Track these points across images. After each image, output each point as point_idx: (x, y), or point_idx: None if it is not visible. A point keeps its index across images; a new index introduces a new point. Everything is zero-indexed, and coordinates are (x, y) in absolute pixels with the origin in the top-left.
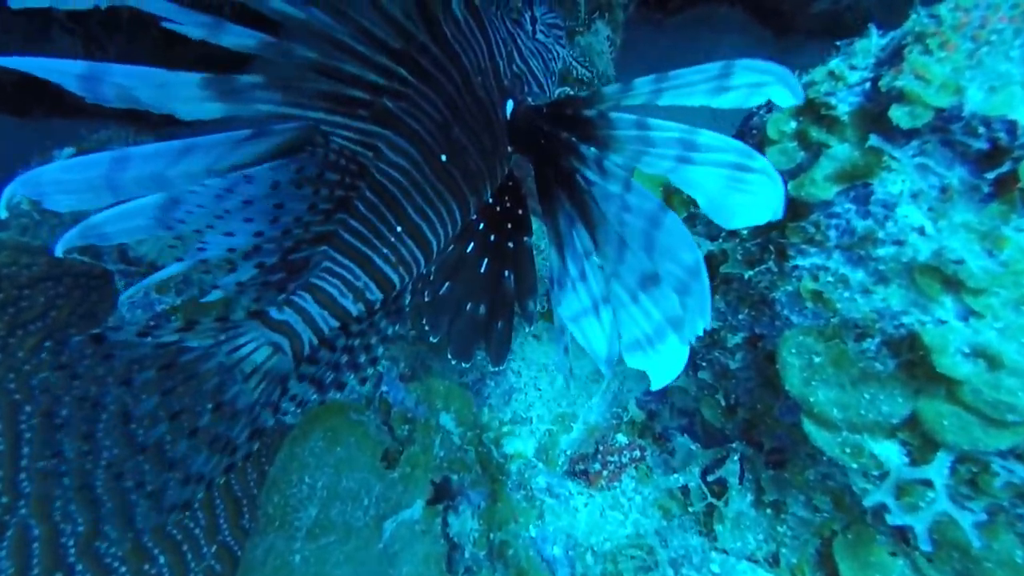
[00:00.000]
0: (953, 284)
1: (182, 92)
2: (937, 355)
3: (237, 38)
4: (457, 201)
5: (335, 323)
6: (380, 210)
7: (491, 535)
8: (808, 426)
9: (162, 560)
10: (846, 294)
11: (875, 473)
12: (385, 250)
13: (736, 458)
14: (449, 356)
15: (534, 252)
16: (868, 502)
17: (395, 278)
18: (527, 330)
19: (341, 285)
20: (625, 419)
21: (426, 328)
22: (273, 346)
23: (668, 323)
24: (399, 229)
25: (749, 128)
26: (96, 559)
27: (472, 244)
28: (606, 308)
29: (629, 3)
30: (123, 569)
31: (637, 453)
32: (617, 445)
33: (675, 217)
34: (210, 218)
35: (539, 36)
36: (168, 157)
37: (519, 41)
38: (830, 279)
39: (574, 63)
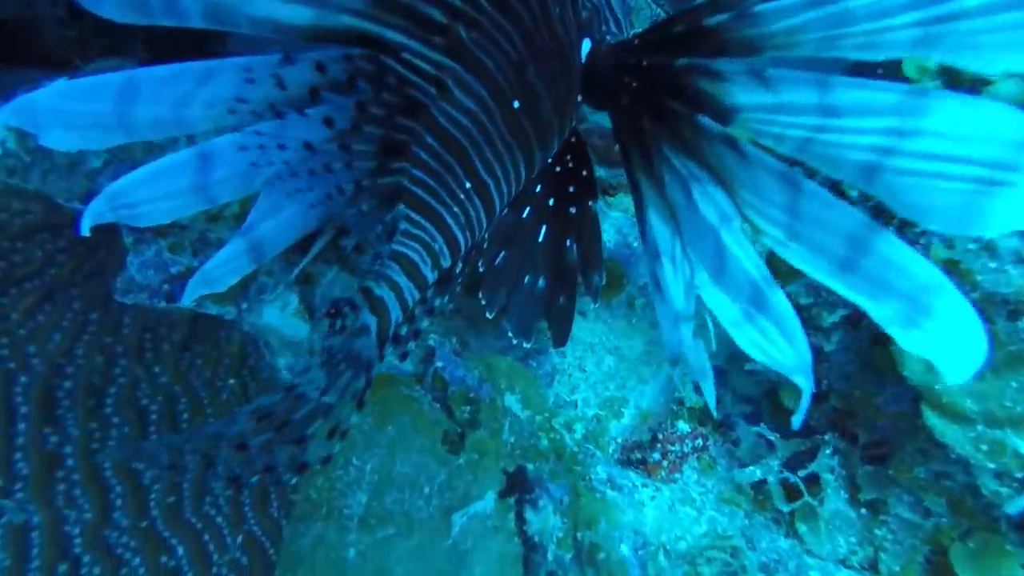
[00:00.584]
0: None
1: None
2: None
3: None
4: (524, 156)
5: (417, 295)
6: (446, 159)
7: (578, 534)
8: (931, 418)
9: (181, 551)
10: (992, 264)
11: (1018, 475)
12: (455, 208)
13: (829, 451)
14: (509, 334)
15: (599, 218)
16: (1012, 508)
17: (463, 241)
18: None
19: (421, 249)
20: (685, 404)
21: (482, 303)
22: (360, 330)
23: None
24: (468, 185)
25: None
26: (106, 549)
27: (529, 209)
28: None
29: None
30: (136, 561)
31: (700, 442)
32: (678, 433)
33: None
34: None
35: None
36: (187, 81)
37: None
38: (970, 246)
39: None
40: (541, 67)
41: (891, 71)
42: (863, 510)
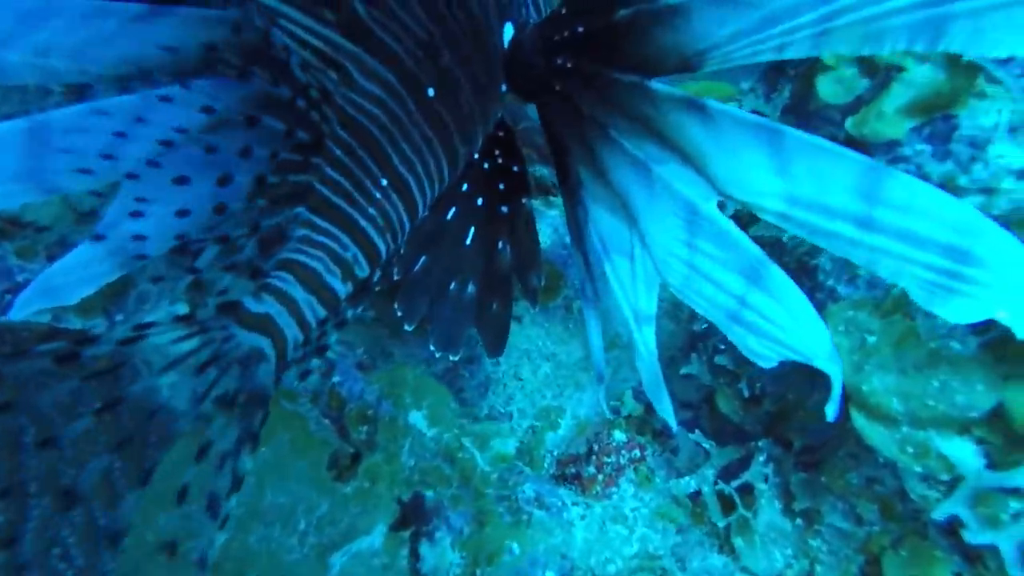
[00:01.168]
0: None
1: None
2: None
3: None
4: (445, 150)
5: (322, 313)
6: (358, 154)
7: (477, 571)
8: (858, 420)
9: None
10: None
11: (944, 478)
12: (371, 209)
13: (763, 459)
14: (432, 348)
15: (533, 216)
16: (938, 514)
17: (382, 247)
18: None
19: (326, 258)
20: (622, 413)
21: (399, 314)
22: (251, 355)
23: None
24: (384, 182)
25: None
26: None
27: (454, 210)
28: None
29: None
30: None
31: (637, 453)
32: (614, 444)
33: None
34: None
35: None
36: (11, 15)
37: None
38: None
39: None
40: (457, 51)
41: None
42: (798, 520)
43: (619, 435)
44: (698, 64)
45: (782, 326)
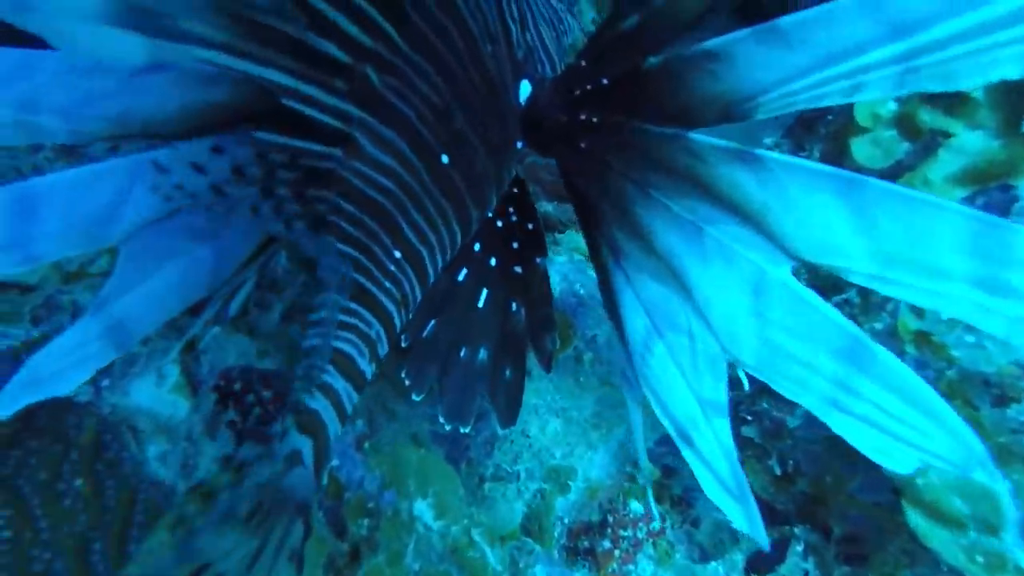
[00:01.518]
0: None
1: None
2: None
3: None
4: (458, 217)
5: (356, 399)
6: (370, 228)
7: None
8: (914, 517)
9: None
10: (969, 338)
11: None
12: (388, 283)
13: (801, 549)
14: (441, 419)
15: (548, 277)
16: None
17: (398, 322)
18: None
19: (356, 339)
20: (638, 478)
21: (407, 383)
22: (291, 458)
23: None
24: (398, 255)
25: (821, 111)
26: None
27: (466, 271)
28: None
29: None
30: None
31: (656, 525)
32: (631, 516)
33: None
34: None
35: (548, 1)
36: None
37: (531, 1)
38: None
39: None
40: (471, 113)
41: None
42: None
43: (636, 505)
44: (746, 113)
45: (909, 422)
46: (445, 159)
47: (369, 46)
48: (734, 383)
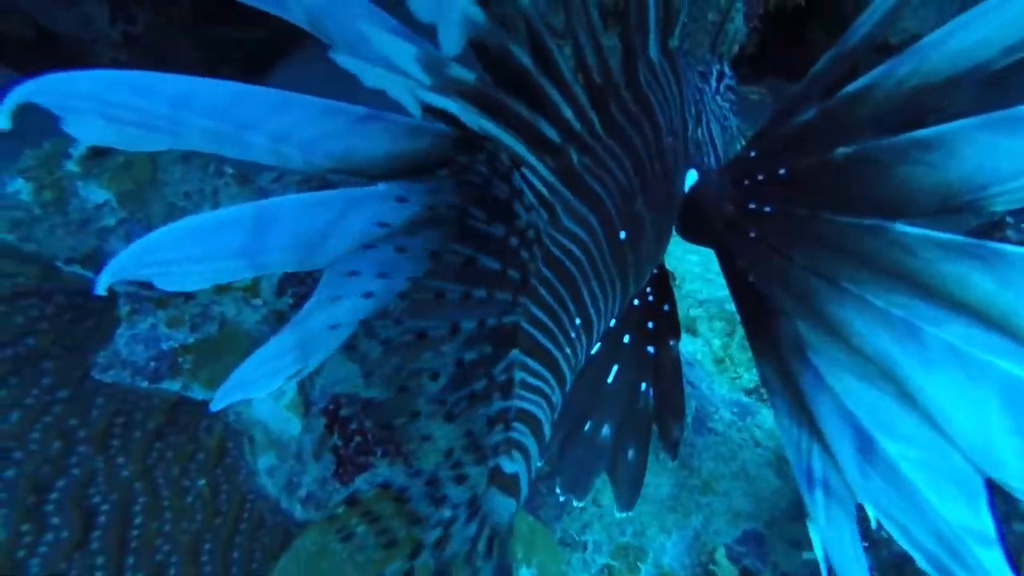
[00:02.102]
0: None
1: (397, 65)
2: None
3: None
4: (623, 290)
5: (540, 464)
6: (560, 293)
7: None
8: None
9: None
10: None
11: None
12: (568, 349)
13: None
14: (558, 490)
15: (681, 362)
16: None
17: (568, 388)
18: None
19: (543, 403)
20: (711, 569)
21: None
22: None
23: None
24: (578, 322)
25: None
26: None
27: (599, 346)
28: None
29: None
30: None
31: None
32: None
33: None
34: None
35: (717, 97)
36: (260, 106)
37: (706, 99)
38: None
39: (741, 138)
40: (649, 197)
41: None
42: None
43: None
44: (974, 207)
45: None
46: (623, 235)
47: (577, 129)
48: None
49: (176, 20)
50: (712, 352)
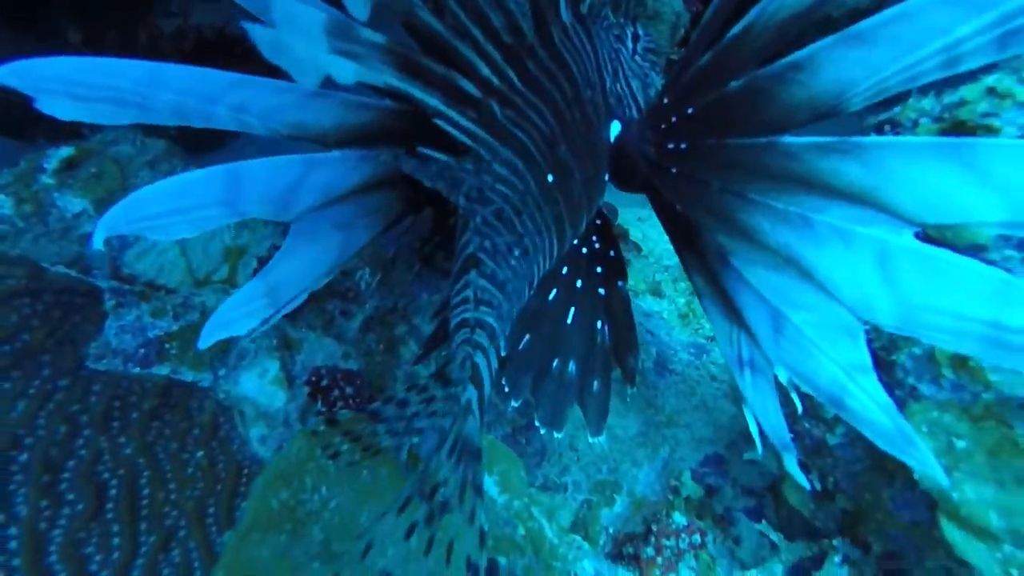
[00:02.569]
0: None
1: (304, 31)
2: None
3: None
4: (557, 231)
5: (496, 366)
6: (497, 227)
7: None
8: (951, 531)
9: None
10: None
11: None
12: (510, 273)
13: (839, 559)
14: (537, 423)
15: (629, 299)
16: None
17: (516, 308)
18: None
19: (495, 315)
20: (681, 494)
21: (505, 389)
22: (465, 408)
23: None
24: (516, 252)
25: None
26: None
27: (555, 291)
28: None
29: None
30: None
31: (697, 538)
32: (673, 527)
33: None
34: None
35: (637, 57)
36: (219, 83)
37: (622, 58)
38: None
39: None
40: (572, 145)
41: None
42: None
43: (679, 517)
44: (838, 108)
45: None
46: (551, 178)
47: (496, 85)
48: (787, 404)
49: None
50: (677, 309)
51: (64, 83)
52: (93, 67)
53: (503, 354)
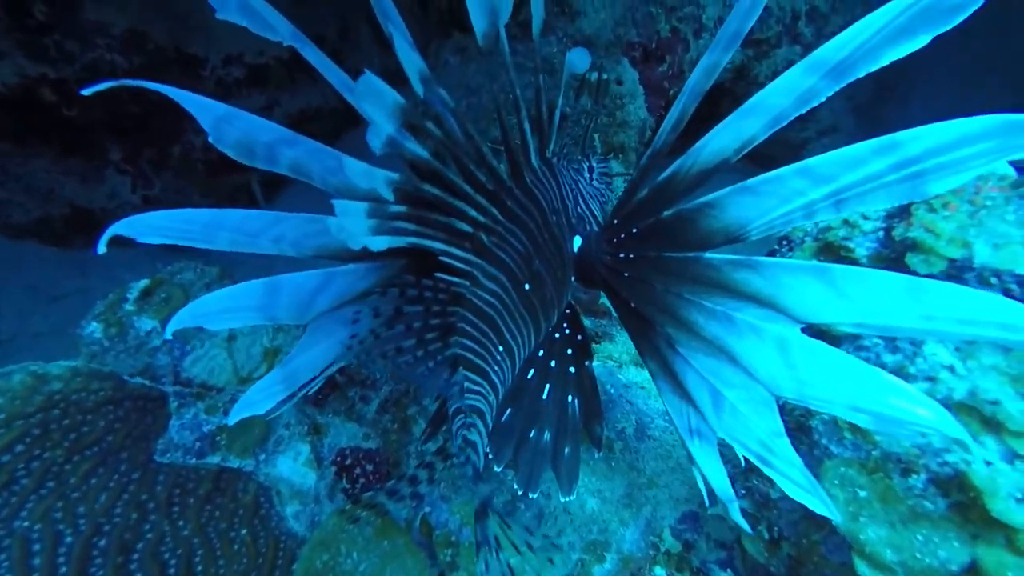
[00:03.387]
0: (993, 425)
1: (353, 218)
2: (989, 499)
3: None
4: (534, 326)
5: (486, 437)
6: (484, 330)
7: None
8: (861, 568)
9: None
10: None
11: None
12: (495, 367)
13: None
14: (516, 487)
15: (595, 377)
16: None
17: (501, 396)
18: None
19: (483, 400)
20: (661, 549)
21: (489, 457)
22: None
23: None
24: (500, 349)
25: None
26: None
27: (533, 371)
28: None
29: (645, 150)
30: None
31: None
32: None
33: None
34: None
35: (594, 183)
36: (263, 221)
37: (581, 186)
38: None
39: None
40: (543, 258)
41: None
42: None
43: (659, 571)
44: (742, 238)
45: (901, 414)
46: (527, 287)
47: (483, 221)
48: (734, 463)
49: (195, 180)
50: (639, 379)
51: (154, 229)
52: (174, 217)
53: (490, 428)
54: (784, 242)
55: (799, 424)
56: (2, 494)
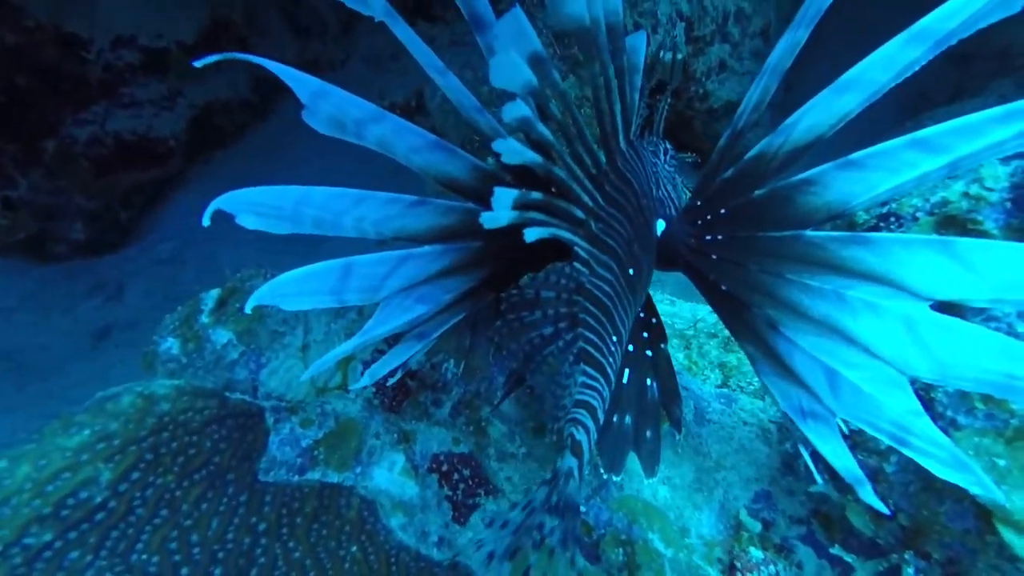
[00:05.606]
0: None
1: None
2: None
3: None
4: (635, 310)
5: (596, 438)
6: (602, 320)
7: None
8: (1008, 535)
9: None
10: None
11: None
12: (610, 358)
13: (911, 571)
14: (602, 471)
15: (672, 360)
16: None
17: (613, 386)
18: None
19: (596, 396)
20: (744, 530)
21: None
22: (567, 475)
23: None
24: (614, 338)
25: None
26: None
27: None
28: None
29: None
30: None
31: (772, 568)
32: (754, 560)
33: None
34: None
35: (667, 167)
36: (347, 200)
37: (659, 169)
38: None
39: (686, 191)
40: (641, 243)
41: None
42: None
43: (756, 552)
44: (847, 213)
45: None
46: (631, 272)
47: (591, 207)
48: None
49: (72, 178)
50: (679, 363)
51: (251, 205)
52: (269, 193)
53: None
54: (892, 218)
55: (919, 396)
56: (119, 526)
